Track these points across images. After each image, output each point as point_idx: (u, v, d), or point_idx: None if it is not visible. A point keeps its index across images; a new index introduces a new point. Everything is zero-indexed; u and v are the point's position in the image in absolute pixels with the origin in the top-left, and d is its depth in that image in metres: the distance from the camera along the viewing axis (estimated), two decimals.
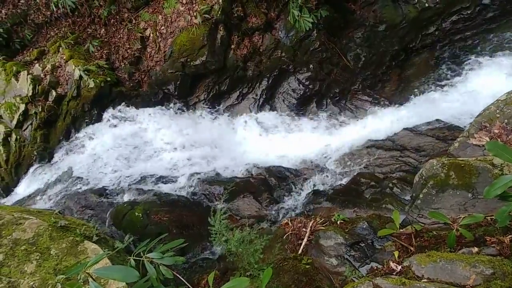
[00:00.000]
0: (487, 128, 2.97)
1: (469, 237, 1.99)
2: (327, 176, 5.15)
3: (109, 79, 6.53)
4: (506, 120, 2.92)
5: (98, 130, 6.21)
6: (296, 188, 5.04)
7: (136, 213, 4.61)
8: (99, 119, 6.42)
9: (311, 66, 6.55)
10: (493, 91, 5.08)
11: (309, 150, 5.74)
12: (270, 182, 5.26)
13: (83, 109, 6.44)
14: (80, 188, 5.51)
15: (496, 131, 2.89)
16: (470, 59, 6.13)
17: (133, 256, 1.65)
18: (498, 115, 2.99)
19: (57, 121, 6.63)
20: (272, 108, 6.65)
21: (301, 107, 6.61)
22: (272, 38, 6.59)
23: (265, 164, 5.60)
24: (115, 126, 6.20)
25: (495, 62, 5.91)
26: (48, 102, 6.58)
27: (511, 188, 1.84)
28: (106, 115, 6.37)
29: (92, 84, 6.33)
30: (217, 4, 6.31)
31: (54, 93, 6.54)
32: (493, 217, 2.00)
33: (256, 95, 6.71)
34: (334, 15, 6.45)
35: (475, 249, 1.84)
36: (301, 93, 6.58)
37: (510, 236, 1.79)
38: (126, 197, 5.16)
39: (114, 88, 6.59)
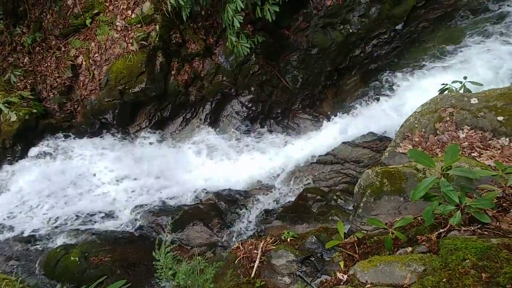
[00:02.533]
0: (409, 137, 3.30)
1: (403, 238, 2.13)
2: (276, 195, 5.21)
3: (35, 110, 5.95)
4: (423, 129, 3.27)
5: (24, 168, 5.55)
6: (246, 210, 5.00)
7: (72, 258, 4.13)
8: (23, 155, 5.75)
9: (252, 88, 6.75)
10: (415, 103, 5.71)
11: (257, 171, 5.78)
12: (220, 207, 5.14)
13: (4, 145, 5.74)
14: (3, 236, 4.80)
15: (417, 139, 3.22)
16: (391, 76, 6.87)
17: None
18: (416, 125, 3.34)
19: None
20: (217, 132, 6.64)
21: (245, 129, 6.70)
22: (213, 63, 6.69)
23: (213, 189, 5.49)
24: (44, 162, 5.61)
25: (414, 78, 6.70)
26: None
27: (432, 189, 2.03)
28: (32, 151, 5.75)
29: (14, 118, 5.71)
30: (154, 31, 6.26)
31: None
32: (421, 217, 2.18)
33: (200, 119, 6.66)
34: (270, 40, 6.80)
35: (409, 249, 1.97)
36: (245, 115, 6.70)
37: (436, 233, 1.96)
38: (59, 241, 4.61)
39: (41, 120, 6.02)
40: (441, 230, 1.95)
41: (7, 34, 6.41)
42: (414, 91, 6.37)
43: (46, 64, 6.37)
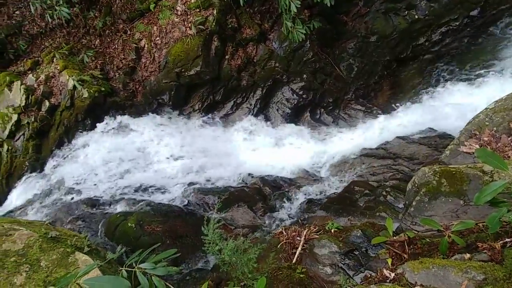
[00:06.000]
0: (477, 136, 3.02)
1: (461, 243, 2.00)
2: (321, 185, 5.16)
3: (103, 89, 6.52)
4: (495, 128, 2.97)
5: (92, 140, 6.17)
6: (290, 197, 5.03)
7: (129, 224, 4.55)
8: (92, 129, 6.38)
9: (304, 76, 6.63)
10: (481, 99, 5.19)
11: (303, 159, 5.76)
12: (265, 192, 5.25)
13: (76, 119, 6.41)
14: (72, 198, 5.43)
15: (486, 138, 2.94)
16: (459, 68, 6.27)
17: (125, 267, 1.63)
18: (487, 123, 3.05)
19: (49, 131, 6.58)
20: (266, 118, 6.69)
21: (295, 117, 6.66)
22: (266, 48, 6.68)
23: (259, 174, 5.60)
24: (109, 136, 6.17)
25: (483, 72, 6.05)
26: (41, 112, 6.53)
27: (500, 194, 1.87)
28: (99, 125, 6.34)
29: (86, 94, 6.32)
30: (212, 16, 6.40)
31: (47, 103, 6.51)
32: (484, 223, 2.02)
33: (250, 104, 6.75)
34: (326, 26, 6.58)
35: (467, 255, 1.85)
36: (295, 103, 6.64)
37: (501, 242, 1.81)
38: (119, 208, 5.09)
39: (108, 98, 6.58)
40: (507, 240, 1.80)
41: (82, 18, 7.03)
42: (486, 86, 5.77)
43: (114, 46, 6.89)
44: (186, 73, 6.46)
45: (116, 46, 6.88)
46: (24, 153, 6.44)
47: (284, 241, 3.15)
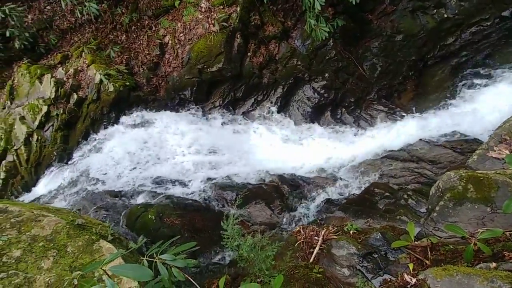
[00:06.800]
0: (507, 141, 2.90)
1: (488, 251, 1.94)
2: (340, 185, 5.10)
3: (128, 83, 6.71)
4: None
5: (116, 133, 6.37)
6: (308, 196, 5.01)
7: (149, 216, 4.68)
8: (117, 122, 6.59)
9: (326, 75, 6.56)
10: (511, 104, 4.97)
11: (323, 159, 5.71)
12: (283, 190, 5.25)
13: (102, 112, 6.63)
14: (96, 188, 5.64)
15: None
16: (489, 70, 6.01)
17: (146, 257, 1.68)
18: None
19: (77, 123, 6.84)
20: (287, 116, 6.67)
21: (315, 116, 6.60)
22: (288, 46, 6.64)
23: (278, 172, 5.60)
24: (132, 129, 6.35)
25: None
26: (69, 104, 6.80)
27: None
28: (123, 118, 6.53)
29: (111, 88, 6.52)
30: (235, 13, 6.43)
31: (75, 96, 6.76)
32: None
33: (271, 102, 6.75)
34: (350, 24, 6.46)
35: (493, 264, 1.79)
36: (316, 102, 6.58)
37: None
38: (140, 199, 5.24)
39: (132, 92, 6.77)
40: None
41: (109, 14, 7.24)
42: None
43: (139, 42, 7.07)
44: (208, 70, 6.54)
45: (141, 42, 7.05)
46: (52, 143, 6.73)
47: (302, 240, 3.14)
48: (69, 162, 6.53)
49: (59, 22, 7.58)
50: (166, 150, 6.06)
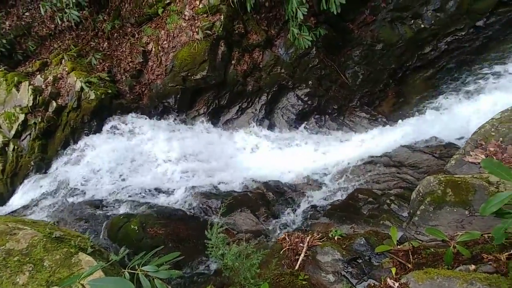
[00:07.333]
0: (483, 146, 3.01)
1: (466, 254, 1.99)
2: (325, 191, 5.14)
3: (110, 91, 6.59)
4: (501, 138, 2.96)
5: (97, 142, 6.22)
6: (293, 203, 5.03)
7: (132, 226, 4.56)
8: (98, 130, 6.44)
9: (310, 82, 6.66)
10: (487, 110, 5.18)
11: (307, 166, 5.75)
12: (268, 197, 5.24)
13: (82, 120, 6.47)
14: (76, 199, 5.46)
15: (492, 149, 2.93)
16: (464, 79, 6.26)
17: (127, 269, 1.64)
18: (493, 133, 3.04)
19: (56, 131, 6.64)
20: (271, 123, 6.71)
21: (300, 123, 6.67)
22: (272, 54, 6.72)
23: (263, 179, 5.60)
24: (114, 138, 6.21)
25: (489, 82, 6.04)
26: (48, 112, 6.61)
27: (507, 206, 1.85)
28: (105, 127, 6.40)
29: (93, 96, 6.39)
30: (219, 21, 6.47)
31: (54, 104, 6.58)
32: (490, 234, 2.01)
33: (256, 110, 6.78)
34: (332, 34, 6.62)
35: (472, 267, 1.84)
36: (300, 109, 6.66)
37: (506, 253, 1.79)
38: (122, 210, 5.11)
39: (114, 100, 6.65)
40: None
41: (91, 21, 7.14)
42: (491, 96, 5.75)
43: (122, 49, 6.98)
44: (192, 77, 6.51)
45: (124, 49, 6.97)
46: (30, 153, 6.50)
47: (287, 247, 3.14)
48: (48, 172, 6.31)
49: (38, 29, 7.40)
50: (149, 158, 5.96)
